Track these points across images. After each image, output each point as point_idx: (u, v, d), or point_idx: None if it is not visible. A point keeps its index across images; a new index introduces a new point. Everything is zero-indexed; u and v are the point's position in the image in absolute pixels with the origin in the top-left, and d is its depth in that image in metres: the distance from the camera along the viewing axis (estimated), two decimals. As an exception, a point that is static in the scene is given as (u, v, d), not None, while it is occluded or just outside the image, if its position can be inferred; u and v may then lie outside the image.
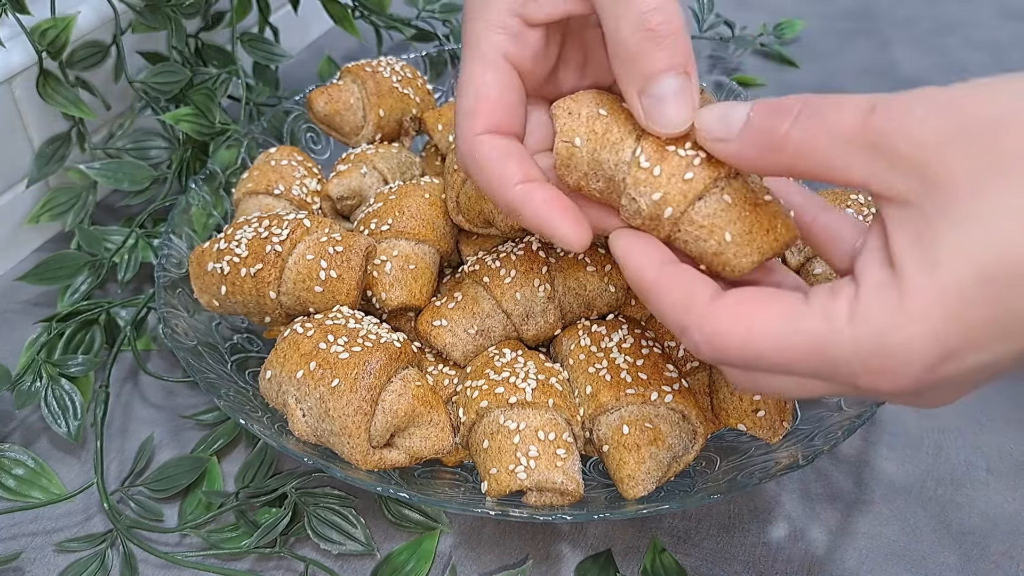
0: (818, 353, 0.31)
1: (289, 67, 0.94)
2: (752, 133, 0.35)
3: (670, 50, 0.37)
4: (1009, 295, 0.28)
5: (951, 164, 0.29)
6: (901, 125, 0.30)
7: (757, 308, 0.33)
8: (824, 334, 0.31)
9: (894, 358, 0.30)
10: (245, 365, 0.56)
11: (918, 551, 0.51)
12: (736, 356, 0.33)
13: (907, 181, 0.30)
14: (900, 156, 0.30)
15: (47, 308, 0.68)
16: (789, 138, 0.33)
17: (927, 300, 0.29)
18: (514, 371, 0.50)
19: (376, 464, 0.48)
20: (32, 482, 0.53)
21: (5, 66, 0.66)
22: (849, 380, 0.31)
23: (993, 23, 1.10)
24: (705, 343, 0.34)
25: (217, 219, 0.66)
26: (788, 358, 0.32)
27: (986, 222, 0.28)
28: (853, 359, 0.31)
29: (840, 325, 0.31)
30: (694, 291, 0.35)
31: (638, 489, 0.47)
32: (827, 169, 0.32)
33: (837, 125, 0.32)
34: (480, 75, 0.42)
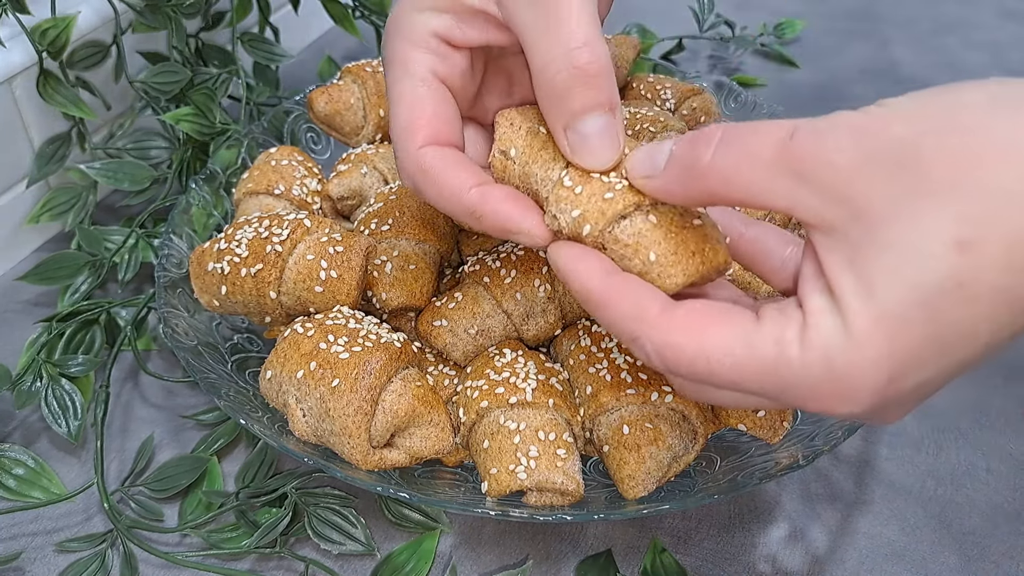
0: (769, 375, 0.32)
1: (289, 67, 0.94)
2: (675, 167, 0.35)
3: (596, 89, 0.37)
4: (943, 313, 0.29)
5: (869, 189, 0.29)
6: (818, 151, 0.30)
7: (708, 323, 0.34)
8: (775, 358, 0.32)
9: (842, 383, 0.31)
10: (245, 365, 0.56)
11: (918, 551, 0.51)
12: (687, 371, 0.34)
13: (829, 208, 0.30)
14: (820, 183, 0.30)
15: (47, 308, 0.68)
16: (712, 167, 0.33)
17: (868, 326, 0.30)
18: (514, 371, 0.50)
19: (376, 464, 0.48)
20: (32, 482, 0.53)
21: (5, 66, 0.66)
22: (798, 403, 0.32)
23: (993, 23, 1.10)
24: (656, 355, 0.34)
25: (217, 219, 0.66)
26: (740, 377, 0.33)
27: (911, 246, 0.29)
28: (802, 384, 0.32)
29: (790, 352, 0.32)
30: (642, 301, 0.35)
31: (638, 489, 0.47)
32: (750, 195, 0.32)
33: (757, 150, 0.32)
34: (411, 91, 0.42)
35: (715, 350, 0.33)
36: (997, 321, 0.29)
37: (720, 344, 0.33)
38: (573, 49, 0.37)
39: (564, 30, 0.37)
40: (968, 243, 0.28)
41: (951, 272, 0.28)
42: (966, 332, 0.29)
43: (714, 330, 0.33)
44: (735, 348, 0.33)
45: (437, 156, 0.41)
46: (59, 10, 0.68)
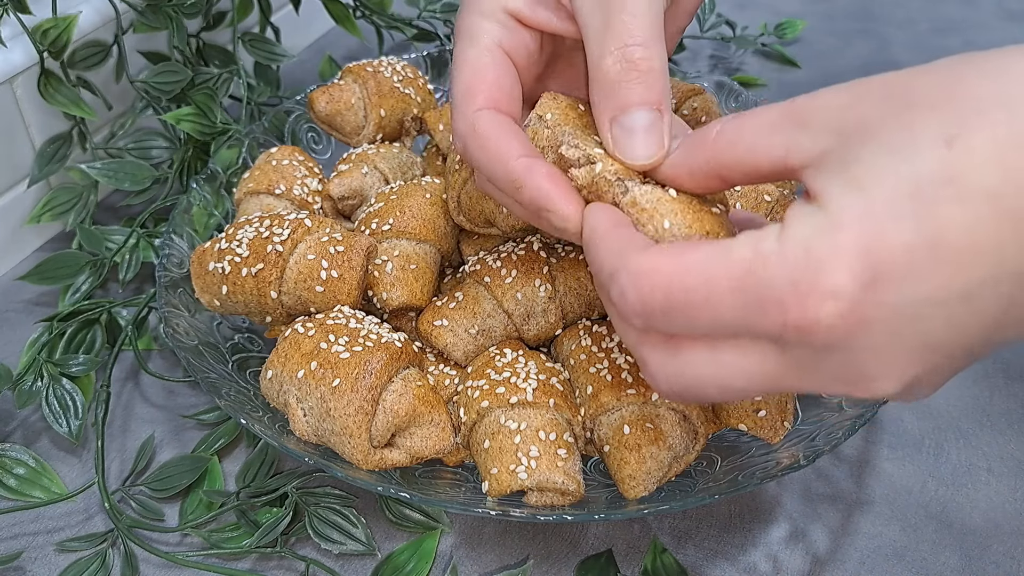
0: (746, 275, 0.29)
1: (290, 67, 0.95)
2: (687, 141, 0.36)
3: (646, 86, 0.38)
4: (933, 208, 0.27)
5: (862, 112, 0.30)
6: (814, 100, 0.31)
7: (687, 248, 0.32)
8: (753, 258, 0.30)
9: (824, 269, 0.28)
10: (246, 365, 0.56)
11: (919, 551, 0.51)
12: (661, 296, 0.31)
13: (822, 139, 0.30)
14: (815, 123, 0.31)
15: (48, 308, 0.68)
16: (720, 132, 0.34)
17: (853, 212, 0.28)
18: (515, 371, 0.50)
19: (377, 464, 0.48)
20: (33, 482, 0.53)
21: (6, 66, 0.66)
22: (779, 315, 0.29)
23: (993, 24, 1.10)
24: (631, 285, 0.32)
25: (218, 219, 0.66)
26: (715, 288, 0.30)
27: (899, 144, 0.28)
28: (781, 278, 0.29)
29: (766, 247, 0.29)
30: (632, 239, 0.34)
31: (639, 489, 0.47)
32: (751, 153, 0.33)
33: (763, 114, 0.33)
34: (476, 58, 0.42)
35: (691, 267, 0.31)
36: (999, 237, 0.27)
37: (696, 260, 0.31)
38: (629, 45, 0.37)
39: (624, 26, 0.38)
40: (955, 137, 0.27)
41: (939, 165, 0.27)
42: (963, 240, 0.27)
43: (691, 251, 0.31)
44: (710, 260, 0.31)
45: (491, 120, 0.41)
46: (60, 10, 0.68)
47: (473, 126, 0.41)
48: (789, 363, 0.31)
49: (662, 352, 0.34)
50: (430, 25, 0.96)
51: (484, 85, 0.42)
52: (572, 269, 0.55)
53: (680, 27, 0.48)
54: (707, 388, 0.34)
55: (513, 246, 0.56)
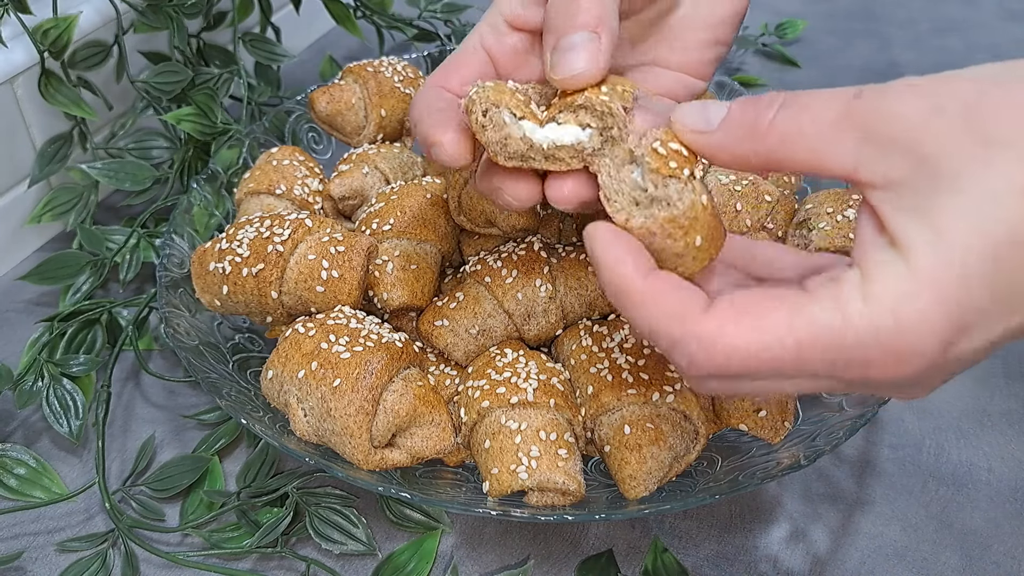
0: (835, 345, 0.30)
1: (291, 67, 0.95)
2: (733, 123, 0.34)
3: (585, 14, 0.38)
4: (1013, 262, 0.28)
5: (936, 140, 0.29)
6: (886, 105, 0.30)
7: (758, 309, 0.31)
8: (840, 325, 0.30)
9: (911, 336, 0.29)
10: (247, 365, 0.56)
11: (920, 551, 0.51)
12: (742, 365, 0.31)
13: (895, 161, 0.30)
14: (886, 137, 0.30)
15: (49, 308, 0.68)
16: (773, 126, 0.32)
17: (938, 271, 0.28)
18: (515, 371, 0.50)
19: (377, 464, 0.48)
20: (34, 482, 0.53)
21: (7, 66, 0.66)
22: (860, 371, 0.30)
23: (994, 24, 1.10)
24: (704, 354, 0.32)
25: (219, 219, 0.66)
26: (806, 356, 0.30)
27: (981, 192, 0.28)
28: (871, 345, 0.29)
29: (852, 309, 0.30)
30: (686, 300, 0.33)
31: (639, 489, 0.47)
32: (812, 154, 0.32)
33: (821, 111, 0.31)
34: (456, 54, 0.46)
35: (773, 333, 0.30)
36: None
37: (777, 325, 0.30)
38: None
39: None
40: None
41: (1018, 220, 0.28)
42: None
43: (767, 314, 0.31)
44: (794, 325, 0.30)
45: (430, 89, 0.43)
46: (61, 10, 0.68)
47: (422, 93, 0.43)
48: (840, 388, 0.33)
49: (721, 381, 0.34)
50: (431, 25, 0.96)
51: (449, 71, 0.44)
52: (573, 269, 0.55)
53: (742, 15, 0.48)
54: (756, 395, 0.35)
55: (514, 246, 0.56)
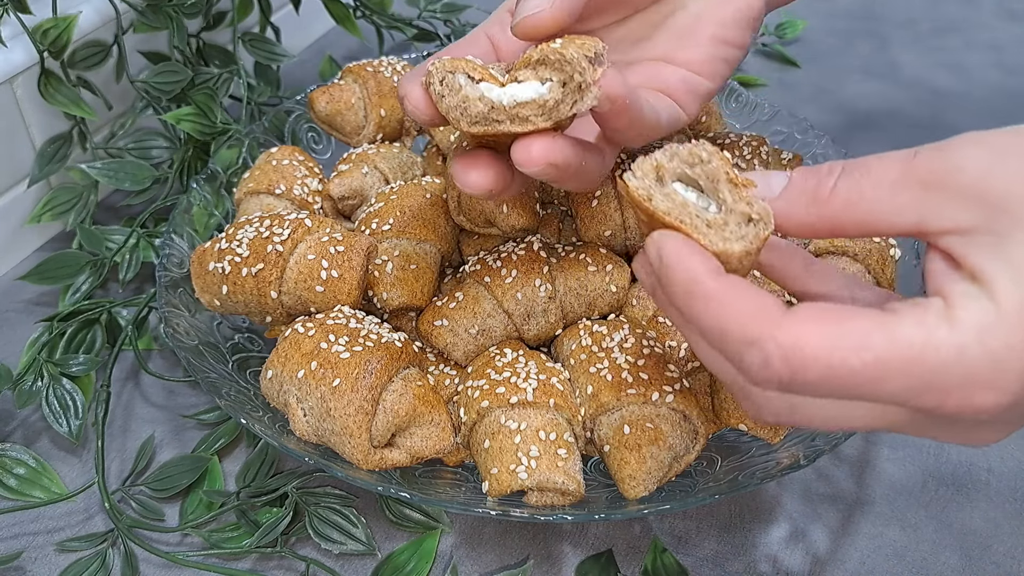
0: (918, 362, 0.29)
1: (290, 67, 0.94)
2: (795, 191, 0.34)
3: None
4: None
5: (1007, 185, 0.29)
6: (945, 161, 0.30)
7: (838, 318, 0.30)
8: (922, 343, 0.29)
9: (999, 365, 0.28)
10: (246, 365, 0.56)
11: (919, 551, 0.51)
12: (819, 371, 0.30)
13: (965, 209, 0.30)
14: (951, 189, 0.30)
15: (48, 307, 0.68)
16: (836, 191, 0.33)
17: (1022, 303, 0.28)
18: (515, 371, 0.50)
19: (377, 464, 0.48)
20: (33, 481, 0.53)
21: (7, 65, 0.66)
22: (937, 399, 0.29)
23: (994, 24, 1.10)
24: (781, 358, 0.30)
25: (218, 219, 0.66)
26: (883, 370, 0.29)
27: None
28: (955, 369, 0.29)
29: (939, 334, 0.29)
30: (765, 301, 0.31)
31: (639, 489, 0.47)
32: (876, 215, 0.32)
33: (882, 171, 0.32)
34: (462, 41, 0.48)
35: (852, 343, 0.29)
36: None
37: (857, 336, 0.29)
38: None
39: None
40: None
41: None
42: None
43: (847, 323, 0.30)
44: (874, 338, 0.29)
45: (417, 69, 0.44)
46: (60, 10, 0.68)
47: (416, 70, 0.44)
48: (913, 421, 0.32)
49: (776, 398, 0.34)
50: (430, 25, 0.96)
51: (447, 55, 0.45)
52: (572, 269, 0.55)
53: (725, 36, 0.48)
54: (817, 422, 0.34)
55: (513, 246, 0.56)
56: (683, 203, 0.34)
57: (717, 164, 0.34)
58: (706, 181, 0.34)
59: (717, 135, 0.63)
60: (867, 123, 0.91)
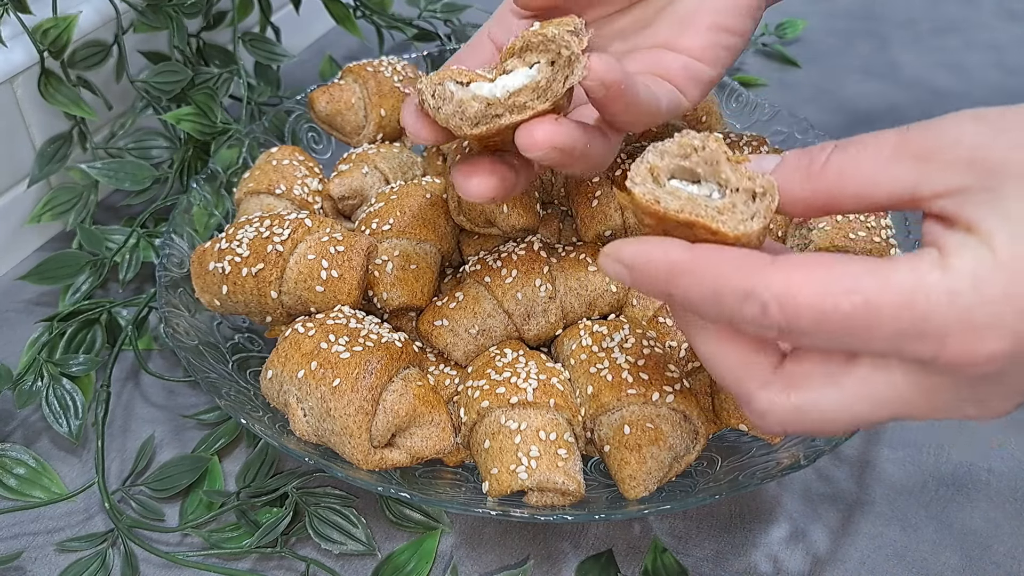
0: (909, 306, 0.29)
1: (290, 67, 0.94)
2: (788, 168, 0.34)
3: None
4: None
5: (1003, 153, 0.29)
6: (942, 132, 0.30)
7: (832, 263, 0.30)
8: (913, 286, 0.29)
9: (993, 307, 0.28)
10: (246, 365, 0.56)
11: (920, 551, 0.51)
12: (811, 316, 0.30)
13: (960, 174, 0.30)
14: (947, 158, 0.30)
15: (48, 307, 0.68)
16: (829, 163, 0.33)
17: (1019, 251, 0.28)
18: (515, 371, 0.50)
19: (377, 464, 0.48)
20: (33, 481, 0.53)
21: (7, 65, 0.66)
22: (933, 346, 0.29)
23: (994, 23, 1.10)
24: (775, 303, 0.30)
25: (218, 219, 0.66)
26: (874, 314, 0.29)
27: None
28: (948, 311, 0.28)
29: (931, 278, 0.29)
30: (750, 254, 0.32)
31: (639, 489, 0.47)
32: (870, 186, 0.32)
33: (877, 145, 0.32)
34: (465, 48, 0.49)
35: (843, 286, 0.29)
36: None
37: (849, 280, 0.29)
38: None
39: None
40: None
41: None
42: None
43: (839, 268, 0.30)
44: (865, 282, 0.29)
45: None
46: (60, 9, 0.68)
47: None
48: (923, 389, 0.31)
49: (776, 391, 0.33)
50: (430, 25, 0.96)
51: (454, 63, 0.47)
52: (572, 269, 0.55)
53: None
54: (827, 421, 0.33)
55: (513, 246, 0.56)
56: (690, 197, 0.34)
57: (713, 147, 0.34)
58: (705, 166, 0.34)
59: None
60: (867, 123, 0.91)
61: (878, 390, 0.32)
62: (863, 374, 0.32)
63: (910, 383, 0.31)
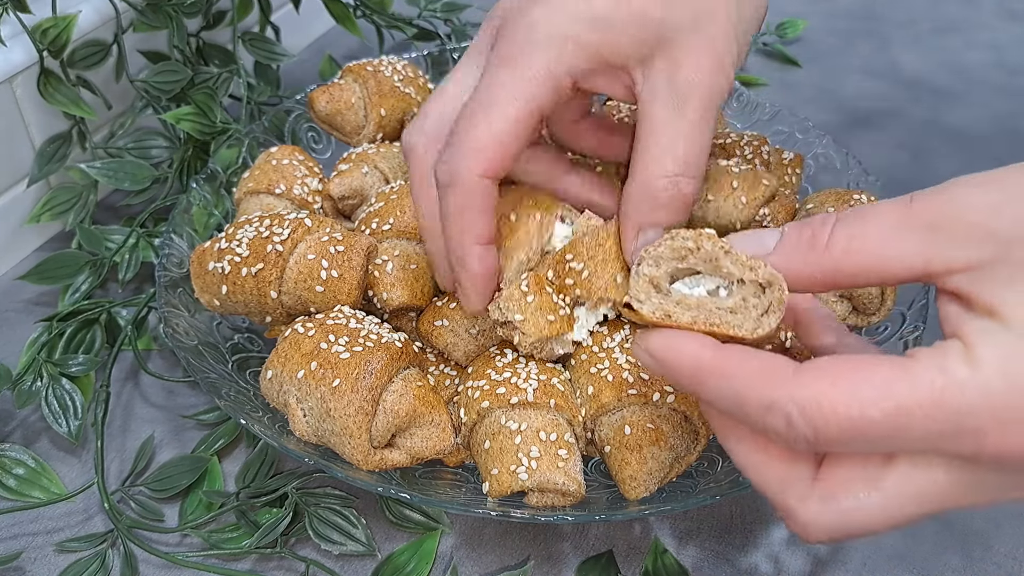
0: (941, 406, 0.28)
1: (290, 66, 0.94)
2: (790, 244, 0.34)
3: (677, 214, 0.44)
4: None
5: (1016, 222, 0.29)
6: (950, 201, 0.30)
7: (854, 369, 0.29)
8: (945, 386, 0.28)
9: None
10: (246, 365, 0.56)
11: (920, 552, 0.51)
12: (840, 428, 0.29)
13: (974, 247, 0.29)
14: (960, 228, 0.30)
15: (48, 307, 0.68)
16: (834, 238, 0.32)
17: None
18: (515, 371, 0.50)
19: (377, 464, 0.48)
20: (33, 482, 0.53)
21: (6, 65, 0.66)
22: (973, 443, 0.28)
23: (994, 23, 1.10)
24: (802, 416, 0.29)
25: (218, 218, 0.66)
26: (905, 421, 0.28)
27: None
28: (982, 408, 0.28)
29: (959, 375, 0.28)
30: (773, 362, 0.31)
31: (640, 490, 0.47)
32: (879, 260, 0.31)
33: (881, 216, 0.31)
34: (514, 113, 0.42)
35: (871, 394, 0.29)
36: None
37: (876, 386, 0.29)
38: (683, 176, 0.42)
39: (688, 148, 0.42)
40: None
41: None
42: None
43: (864, 374, 0.29)
44: (894, 387, 0.28)
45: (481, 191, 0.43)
46: (60, 9, 0.68)
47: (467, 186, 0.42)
48: (965, 482, 0.31)
49: (817, 503, 0.32)
50: (430, 24, 0.96)
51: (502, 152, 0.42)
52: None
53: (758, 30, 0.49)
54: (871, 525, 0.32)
55: (514, 246, 0.56)
56: (698, 304, 0.34)
57: (708, 247, 0.34)
58: (705, 265, 0.34)
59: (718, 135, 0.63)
60: (867, 123, 0.91)
61: (921, 488, 0.31)
62: (903, 473, 0.31)
63: (952, 479, 0.31)
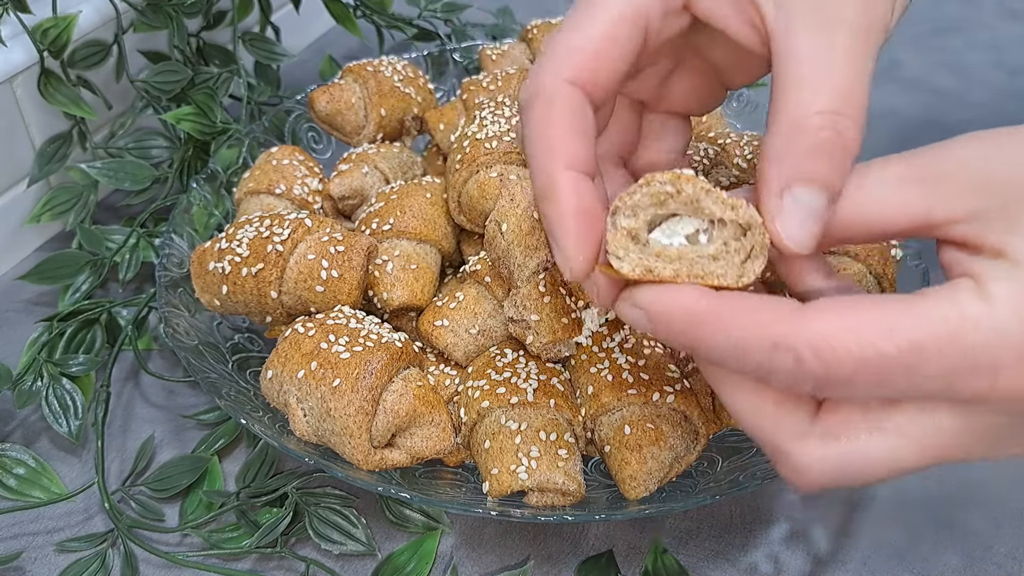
0: (955, 341, 0.27)
1: (290, 66, 0.94)
2: None
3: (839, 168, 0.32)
4: None
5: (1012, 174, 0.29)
6: (948, 156, 0.30)
7: (865, 306, 0.28)
8: (959, 319, 0.27)
9: None
10: (246, 365, 0.56)
11: (920, 552, 0.51)
12: (852, 364, 0.28)
13: (974, 196, 0.29)
14: (958, 180, 0.30)
15: (48, 307, 0.68)
16: None
17: None
18: (515, 371, 0.50)
19: (377, 464, 0.48)
20: (33, 482, 0.53)
21: (6, 65, 0.66)
22: (987, 379, 0.28)
23: (994, 24, 1.10)
24: (812, 354, 0.28)
25: (218, 218, 0.66)
26: (919, 353, 0.27)
27: None
28: (996, 342, 0.27)
29: (971, 310, 0.27)
30: (772, 304, 0.29)
31: (640, 490, 0.47)
32: (882, 212, 0.31)
33: (881, 171, 0.31)
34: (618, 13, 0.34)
35: (883, 330, 0.28)
36: None
37: (888, 323, 0.28)
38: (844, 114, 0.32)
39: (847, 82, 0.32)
40: None
41: None
42: None
43: (874, 311, 0.28)
44: (907, 322, 0.28)
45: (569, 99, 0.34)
46: (60, 9, 0.68)
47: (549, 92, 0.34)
48: (968, 429, 0.30)
49: (815, 443, 0.31)
50: (430, 25, 0.96)
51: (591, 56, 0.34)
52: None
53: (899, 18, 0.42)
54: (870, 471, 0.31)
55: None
56: (679, 255, 0.32)
57: (690, 188, 0.32)
58: (686, 207, 0.32)
59: (717, 135, 0.63)
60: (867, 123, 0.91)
61: (924, 434, 0.30)
62: (907, 417, 0.30)
63: (956, 425, 0.30)
